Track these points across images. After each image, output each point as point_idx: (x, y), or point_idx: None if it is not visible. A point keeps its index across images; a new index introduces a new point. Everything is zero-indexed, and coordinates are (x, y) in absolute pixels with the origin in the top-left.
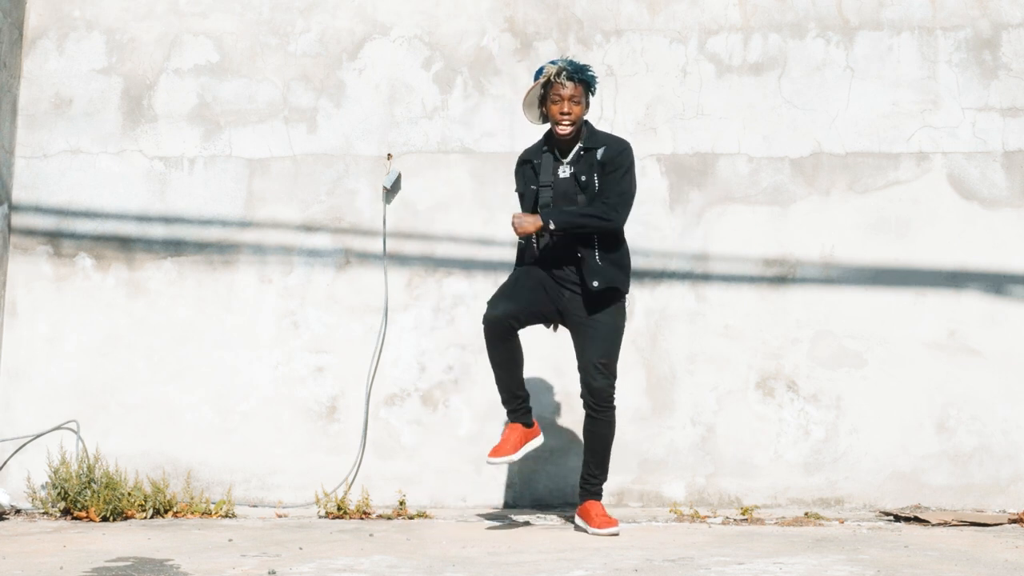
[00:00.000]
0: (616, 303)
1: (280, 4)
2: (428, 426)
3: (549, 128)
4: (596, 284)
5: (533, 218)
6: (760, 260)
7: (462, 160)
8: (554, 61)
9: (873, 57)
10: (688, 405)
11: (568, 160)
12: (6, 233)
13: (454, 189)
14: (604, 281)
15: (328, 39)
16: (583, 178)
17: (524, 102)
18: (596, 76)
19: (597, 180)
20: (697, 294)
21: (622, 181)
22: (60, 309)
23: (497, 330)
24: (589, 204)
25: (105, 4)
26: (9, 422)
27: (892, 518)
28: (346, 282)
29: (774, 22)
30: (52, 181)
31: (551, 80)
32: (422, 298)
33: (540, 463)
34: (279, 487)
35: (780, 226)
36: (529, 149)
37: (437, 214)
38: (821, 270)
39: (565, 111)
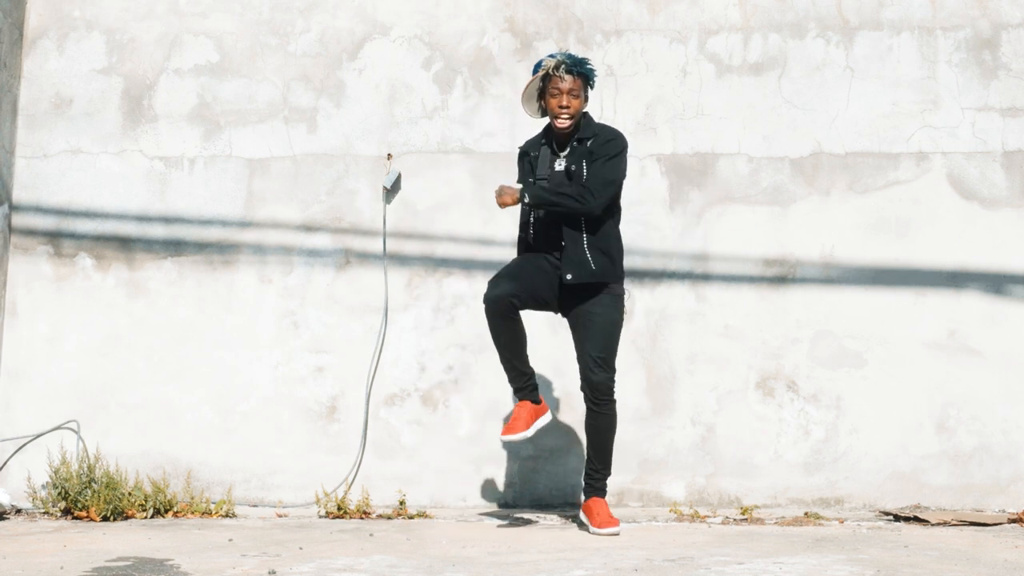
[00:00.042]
0: (613, 295)
1: (280, 4)
2: (428, 426)
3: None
4: (569, 277)
5: (512, 190)
6: (760, 260)
7: (462, 160)
8: (553, 54)
9: (873, 57)
10: (688, 405)
11: (564, 154)
12: (6, 233)
13: (454, 189)
14: (581, 275)
15: (328, 39)
16: (572, 167)
17: (523, 96)
18: (595, 69)
19: (585, 168)
20: (697, 294)
21: (604, 167)
22: (60, 309)
23: (499, 308)
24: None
25: (105, 4)
26: (9, 422)
27: (892, 518)
28: (346, 282)
29: (774, 22)
30: (52, 181)
31: (550, 73)
32: (422, 298)
33: (540, 463)
34: (279, 487)
35: (780, 226)
36: (530, 140)
37: (437, 214)
38: (821, 270)
39: (564, 104)
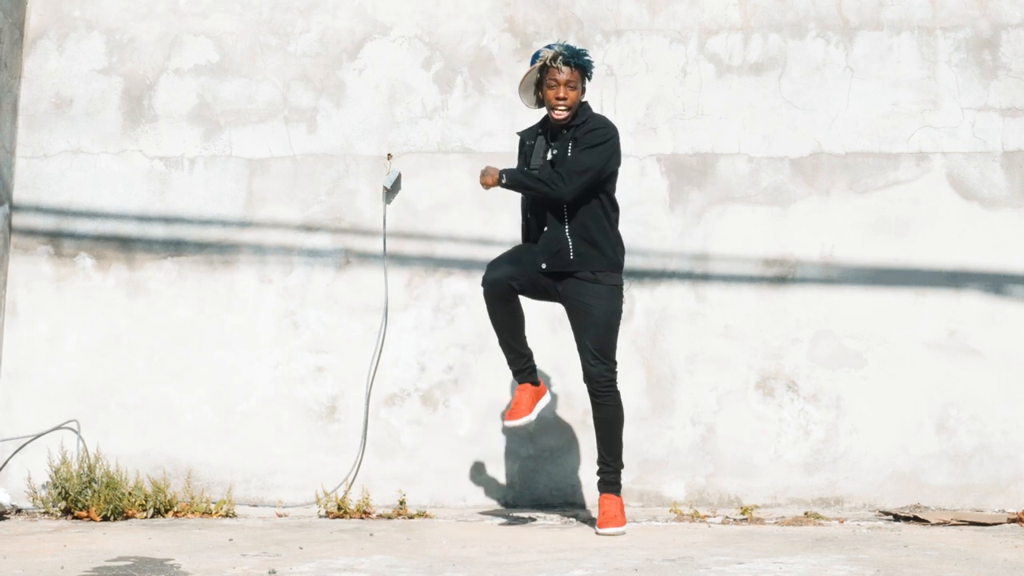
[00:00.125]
0: (610, 285)
1: (280, 4)
2: (428, 426)
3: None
4: (544, 266)
5: (495, 171)
6: (760, 260)
7: (462, 160)
8: (551, 45)
9: (873, 57)
10: (688, 405)
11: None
12: (6, 233)
13: (454, 189)
14: (555, 264)
15: (328, 39)
16: (555, 153)
17: (520, 86)
18: (592, 61)
19: (569, 155)
20: (697, 294)
21: (581, 154)
22: (60, 309)
23: (497, 291)
24: None
25: (105, 4)
26: (9, 422)
27: (892, 518)
28: (346, 282)
29: (774, 22)
30: (52, 181)
31: (547, 64)
32: (422, 298)
33: (540, 463)
34: (279, 487)
35: (780, 226)
36: (528, 128)
37: (437, 214)
38: (821, 270)
39: (561, 96)
